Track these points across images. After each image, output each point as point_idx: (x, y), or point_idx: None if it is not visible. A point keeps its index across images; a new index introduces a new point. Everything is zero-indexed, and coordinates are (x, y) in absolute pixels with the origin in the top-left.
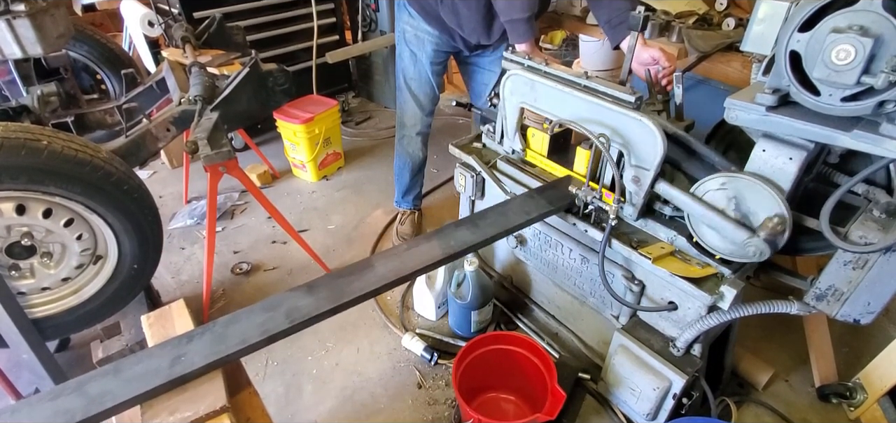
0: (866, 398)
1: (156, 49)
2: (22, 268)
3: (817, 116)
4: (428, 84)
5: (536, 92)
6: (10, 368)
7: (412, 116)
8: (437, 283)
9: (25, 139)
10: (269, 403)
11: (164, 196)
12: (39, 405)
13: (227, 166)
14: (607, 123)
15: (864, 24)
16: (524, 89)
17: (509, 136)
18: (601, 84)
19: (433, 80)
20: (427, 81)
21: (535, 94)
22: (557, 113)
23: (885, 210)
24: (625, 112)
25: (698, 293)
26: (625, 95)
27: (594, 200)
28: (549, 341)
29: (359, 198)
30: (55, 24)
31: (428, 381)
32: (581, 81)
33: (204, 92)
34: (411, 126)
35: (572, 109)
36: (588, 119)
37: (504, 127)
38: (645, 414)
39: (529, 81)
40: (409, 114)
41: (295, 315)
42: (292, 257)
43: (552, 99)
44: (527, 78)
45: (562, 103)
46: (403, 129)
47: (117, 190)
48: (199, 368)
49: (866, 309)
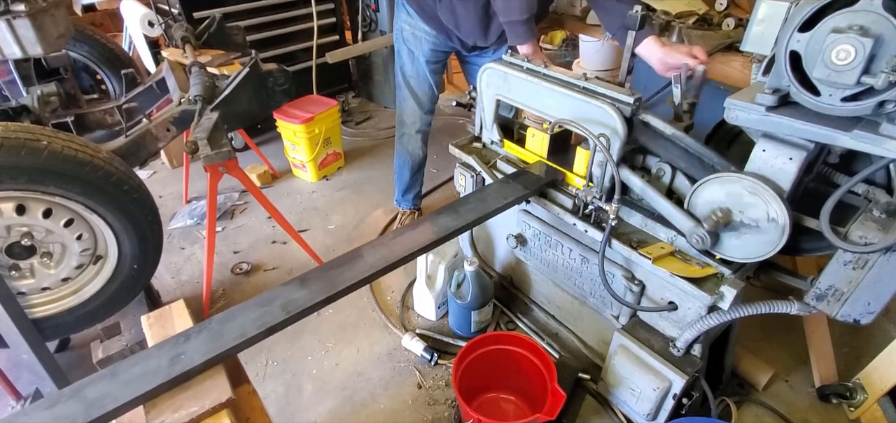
0: (866, 398)
1: (156, 49)
2: (22, 268)
3: (817, 116)
4: (426, 83)
5: (509, 84)
6: (10, 368)
7: (412, 114)
8: (437, 283)
9: (25, 139)
10: (269, 403)
11: (164, 196)
12: (36, 414)
13: (227, 166)
14: (574, 111)
15: (864, 25)
16: (498, 82)
17: (487, 127)
18: (600, 85)
19: (431, 78)
20: (425, 79)
21: (508, 85)
22: (529, 103)
23: (885, 210)
24: (587, 100)
25: (698, 293)
26: (624, 97)
27: (594, 200)
28: (549, 342)
29: (359, 198)
30: (55, 24)
31: (428, 381)
32: (580, 81)
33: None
34: (411, 124)
35: (541, 100)
36: (555, 107)
37: (483, 119)
38: (645, 414)
39: (502, 74)
40: (408, 112)
41: (291, 307)
42: (292, 257)
43: (523, 90)
44: (501, 71)
45: (533, 94)
46: (403, 126)
47: (117, 190)
48: (199, 365)
49: (866, 309)
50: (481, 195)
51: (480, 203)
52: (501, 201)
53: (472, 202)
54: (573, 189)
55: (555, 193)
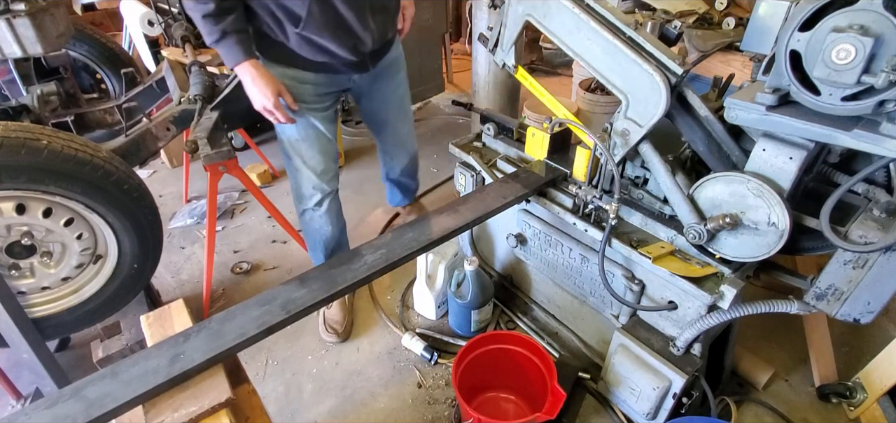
0: (866, 397)
1: (156, 48)
2: (22, 267)
3: (817, 115)
4: (317, 139)
5: (548, 6)
6: (10, 368)
7: (310, 185)
8: (437, 282)
9: (25, 138)
10: (268, 403)
11: (164, 195)
12: (36, 414)
13: (227, 166)
14: (618, 66)
15: (865, 24)
16: (537, 1)
17: (503, 47)
18: (650, 42)
19: (323, 126)
20: (315, 133)
21: (546, 7)
22: (564, 39)
23: (885, 209)
24: (639, 61)
25: (698, 293)
26: (673, 64)
27: (594, 199)
28: (549, 341)
29: (359, 197)
30: (55, 24)
31: (428, 380)
32: (629, 31)
33: (204, 91)
34: (310, 197)
35: (580, 40)
36: (595, 55)
37: (500, 35)
38: (645, 414)
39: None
40: (304, 184)
41: (290, 306)
42: (292, 257)
43: (562, 20)
44: None
45: (573, 30)
46: (302, 202)
47: (117, 189)
48: (199, 364)
49: (866, 308)
50: (481, 195)
51: (480, 203)
52: (501, 201)
53: (472, 202)
54: (573, 188)
55: (555, 192)
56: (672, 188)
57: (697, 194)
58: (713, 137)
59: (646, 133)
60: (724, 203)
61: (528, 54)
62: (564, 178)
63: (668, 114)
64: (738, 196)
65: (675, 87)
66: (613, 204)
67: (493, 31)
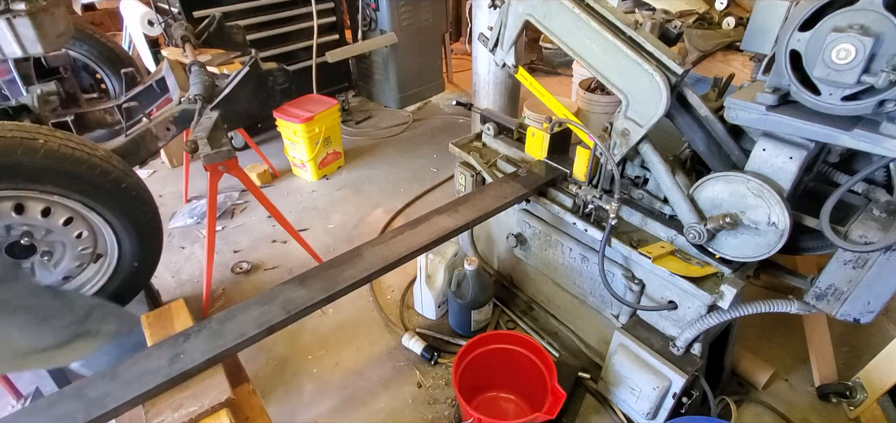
0: (866, 397)
1: (156, 48)
2: (22, 267)
3: (817, 115)
4: None
5: (549, 6)
6: None
7: None
8: (437, 282)
9: (22, 138)
10: (268, 403)
11: (164, 195)
12: (37, 413)
13: (227, 165)
14: (618, 66)
15: (865, 24)
16: (537, 1)
17: (503, 47)
18: (650, 42)
19: None
20: None
21: (547, 7)
22: (564, 38)
23: (885, 209)
24: (639, 61)
25: (698, 293)
26: (673, 64)
27: (594, 199)
28: (549, 341)
29: (359, 197)
30: (55, 24)
31: (428, 380)
32: (629, 30)
33: (204, 91)
34: None
35: (580, 40)
36: (595, 54)
37: (500, 35)
38: (645, 413)
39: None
40: None
41: (291, 306)
42: (292, 257)
43: (562, 20)
44: None
45: (573, 30)
46: None
47: (116, 188)
48: (199, 364)
49: (866, 308)
50: (481, 195)
51: (480, 203)
52: (501, 201)
53: (471, 202)
54: (573, 188)
55: (555, 192)
56: (672, 188)
57: (697, 194)
58: (713, 137)
59: (646, 133)
60: (724, 203)
61: (528, 54)
62: (564, 178)
63: (668, 114)
64: (738, 196)
65: (675, 86)
66: (613, 204)
67: (493, 31)
